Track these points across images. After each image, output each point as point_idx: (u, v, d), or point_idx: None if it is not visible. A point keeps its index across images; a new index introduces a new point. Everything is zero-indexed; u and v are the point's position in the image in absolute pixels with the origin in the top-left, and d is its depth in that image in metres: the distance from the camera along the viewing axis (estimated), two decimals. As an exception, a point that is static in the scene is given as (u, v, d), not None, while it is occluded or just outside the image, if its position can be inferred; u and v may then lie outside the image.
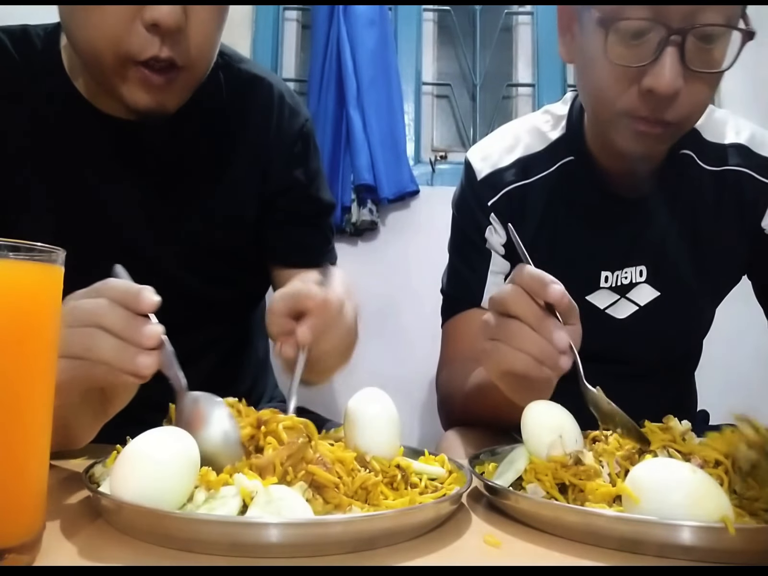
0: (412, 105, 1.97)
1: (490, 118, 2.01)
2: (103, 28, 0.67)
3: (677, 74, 0.71)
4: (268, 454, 0.48)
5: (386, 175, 1.76)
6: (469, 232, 0.98)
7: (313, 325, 0.61)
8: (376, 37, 1.79)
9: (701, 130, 0.92)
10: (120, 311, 0.53)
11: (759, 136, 0.93)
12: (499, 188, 0.94)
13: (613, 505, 0.50)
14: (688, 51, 0.71)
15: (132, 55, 0.68)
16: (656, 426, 0.60)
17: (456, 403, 0.91)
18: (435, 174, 1.90)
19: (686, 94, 0.74)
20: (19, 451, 0.39)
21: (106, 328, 0.52)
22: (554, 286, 0.60)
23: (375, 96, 1.77)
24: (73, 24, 0.71)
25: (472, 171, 0.97)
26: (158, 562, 0.41)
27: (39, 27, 0.84)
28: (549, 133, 0.96)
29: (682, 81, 0.72)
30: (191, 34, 0.70)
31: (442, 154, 1.96)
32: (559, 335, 0.60)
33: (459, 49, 2.05)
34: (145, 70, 0.69)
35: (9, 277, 0.38)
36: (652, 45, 0.72)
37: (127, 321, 0.53)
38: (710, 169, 0.92)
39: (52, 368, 0.41)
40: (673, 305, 0.93)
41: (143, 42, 0.67)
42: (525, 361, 0.61)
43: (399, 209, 1.84)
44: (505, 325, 0.63)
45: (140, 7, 0.66)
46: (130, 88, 0.71)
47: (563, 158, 0.93)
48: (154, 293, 0.54)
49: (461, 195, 1.00)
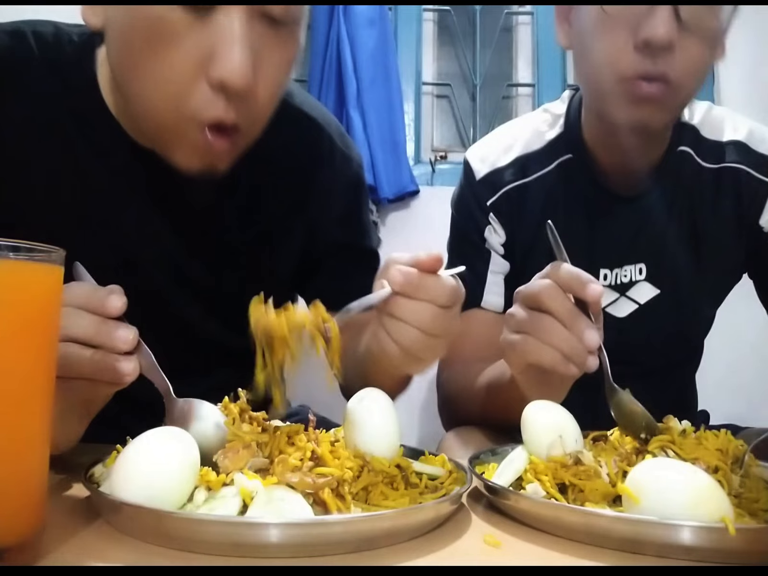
0: (412, 105, 1.97)
1: (490, 118, 2.01)
2: (164, 83, 0.59)
3: (671, 24, 0.73)
4: None
5: (386, 175, 1.76)
6: (468, 232, 0.98)
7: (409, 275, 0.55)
8: (376, 37, 1.79)
9: (699, 128, 0.93)
10: (87, 318, 0.50)
11: (757, 133, 0.93)
12: (498, 188, 0.95)
13: (613, 505, 0.50)
14: (682, 6, 0.73)
15: (194, 116, 0.60)
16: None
17: (461, 402, 0.91)
18: (435, 174, 1.90)
19: (682, 50, 0.75)
20: (19, 451, 0.39)
21: (76, 339, 0.50)
22: (594, 285, 0.62)
23: (375, 96, 1.77)
24: (127, 71, 0.62)
25: (471, 171, 0.97)
26: (158, 562, 0.41)
27: (74, 30, 0.75)
28: (547, 132, 0.96)
29: (677, 33, 0.73)
30: (258, 96, 0.61)
31: (442, 154, 1.96)
32: (590, 334, 0.62)
33: (459, 49, 2.05)
34: (208, 135, 0.61)
35: (9, 277, 0.38)
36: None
37: (98, 327, 0.50)
38: (708, 166, 0.92)
39: (52, 368, 0.41)
40: (673, 303, 0.93)
41: (207, 103, 0.59)
42: (553, 355, 0.63)
43: (399, 209, 1.84)
44: (535, 319, 0.64)
45: (207, 65, 0.58)
46: (185, 151, 0.63)
47: (561, 156, 0.94)
48: (120, 293, 0.51)
49: (460, 195, 1.01)
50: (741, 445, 0.57)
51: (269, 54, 0.61)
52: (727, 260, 0.95)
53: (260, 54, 0.60)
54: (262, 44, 0.60)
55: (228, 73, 0.57)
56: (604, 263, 0.93)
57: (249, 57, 0.58)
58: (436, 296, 0.56)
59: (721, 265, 0.95)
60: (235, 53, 0.57)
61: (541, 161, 0.94)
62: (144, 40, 0.59)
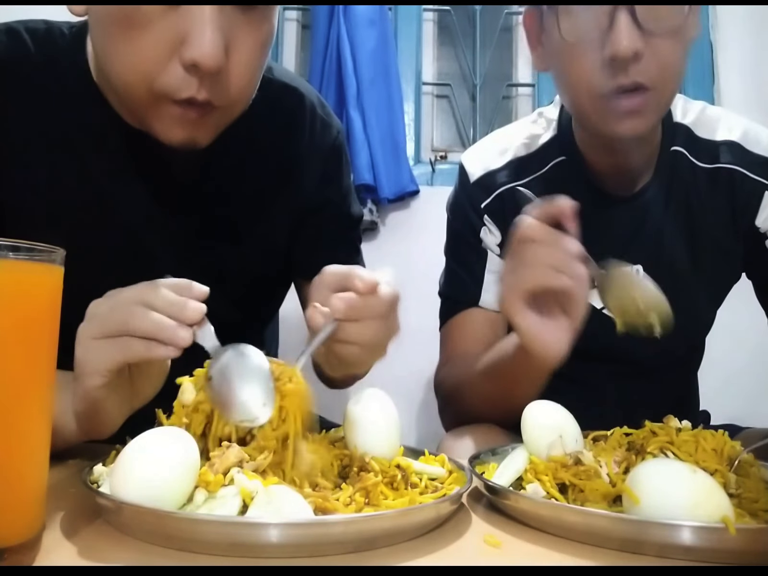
0: (412, 105, 1.97)
1: (490, 118, 2.01)
2: (138, 64, 0.62)
3: (633, 35, 0.73)
4: None
5: (386, 175, 1.76)
6: (464, 233, 0.99)
7: (350, 301, 0.57)
8: (376, 37, 1.79)
9: (693, 128, 0.93)
10: (166, 292, 0.54)
11: (752, 133, 0.93)
12: (492, 190, 0.96)
13: (613, 505, 0.50)
14: (640, 12, 0.73)
15: (168, 94, 0.63)
16: (657, 426, 0.60)
17: (462, 396, 0.91)
18: (435, 174, 1.90)
19: (651, 54, 0.75)
20: (19, 451, 0.39)
21: (148, 304, 0.53)
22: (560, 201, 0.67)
23: (375, 96, 1.77)
24: (106, 54, 0.66)
25: (466, 174, 0.99)
26: (158, 562, 0.41)
27: (63, 25, 0.78)
28: (541, 136, 0.97)
29: (641, 42, 0.74)
30: (231, 76, 0.64)
31: (442, 154, 1.96)
32: (571, 243, 0.65)
33: (459, 49, 2.05)
34: (179, 108, 0.64)
35: (9, 277, 0.38)
36: (603, 15, 0.74)
37: (172, 300, 0.53)
38: (703, 166, 0.92)
39: (52, 368, 0.41)
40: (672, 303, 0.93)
41: (180, 82, 0.62)
42: (544, 272, 0.66)
43: (399, 209, 1.84)
44: (521, 251, 0.68)
45: (179, 45, 0.60)
46: (163, 123, 0.66)
47: (555, 158, 0.95)
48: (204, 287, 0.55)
49: (455, 198, 1.02)
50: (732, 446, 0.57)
51: (242, 35, 0.63)
52: (724, 260, 0.95)
53: (232, 36, 0.62)
54: (233, 26, 0.62)
55: (199, 55, 0.59)
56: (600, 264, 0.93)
57: (220, 38, 0.60)
58: (378, 313, 0.59)
59: (718, 265, 0.95)
60: (206, 35, 0.59)
61: (535, 164, 0.96)
62: (120, 25, 0.61)
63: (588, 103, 0.80)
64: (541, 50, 0.87)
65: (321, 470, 0.51)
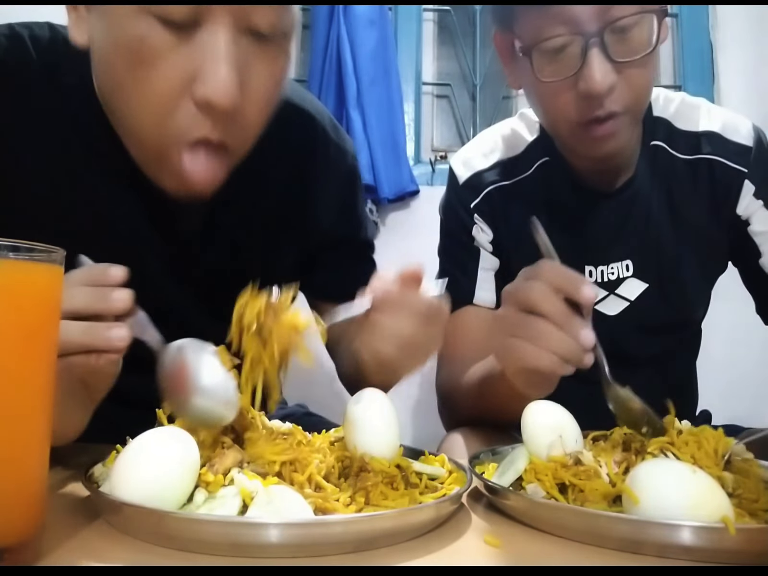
0: (412, 105, 1.97)
1: (490, 118, 2.01)
2: (146, 105, 0.57)
3: (606, 71, 0.74)
4: None
5: (386, 175, 1.76)
6: (456, 233, 1.01)
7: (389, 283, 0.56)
8: (376, 37, 1.79)
9: (673, 120, 0.94)
10: (83, 289, 0.49)
11: (731, 122, 0.93)
12: (480, 189, 0.98)
13: (613, 505, 0.50)
14: (610, 46, 0.74)
15: (179, 136, 0.58)
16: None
17: (459, 399, 0.91)
18: (435, 174, 1.90)
19: (624, 83, 0.76)
20: (18, 450, 0.39)
21: (71, 312, 0.48)
22: (587, 287, 0.61)
23: (375, 96, 1.77)
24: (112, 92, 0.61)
25: (455, 176, 1.02)
26: (158, 562, 0.41)
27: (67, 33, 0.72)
28: (526, 137, 1.00)
29: (614, 75, 0.75)
30: (246, 115, 0.59)
31: (442, 154, 1.96)
32: (585, 334, 0.61)
33: (459, 49, 2.05)
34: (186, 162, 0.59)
35: (9, 277, 0.38)
36: (576, 54, 0.75)
37: (91, 294, 0.49)
38: (683, 157, 0.93)
39: (52, 368, 0.41)
40: (663, 295, 0.94)
41: (193, 123, 0.57)
42: (551, 359, 0.61)
43: (399, 209, 1.84)
44: (529, 322, 0.62)
45: (191, 82, 0.56)
46: (170, 176, 0.62)
47: (539, 159, 0.97)
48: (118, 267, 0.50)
49: (446, 200, 1.04)
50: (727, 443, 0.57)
51: (257, 70, 0.60)
52: (710, 249, 0.95)
53: (247, 71, 0.58)
54: (248, 61, 0.58)
55: (213, 93, 0.55)
56: (588, 260, 0.94)
57: (235, 75, 0.56)
58: (415, 308, 0.58)
59: (705, 254, 0.95)
60: (221, 72, 0.55)
61: (521, 165, 0.98)
62: (126, 60, 0.57)
63: (564, 130, 0.83)
64: (515, 69, 0.87)
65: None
